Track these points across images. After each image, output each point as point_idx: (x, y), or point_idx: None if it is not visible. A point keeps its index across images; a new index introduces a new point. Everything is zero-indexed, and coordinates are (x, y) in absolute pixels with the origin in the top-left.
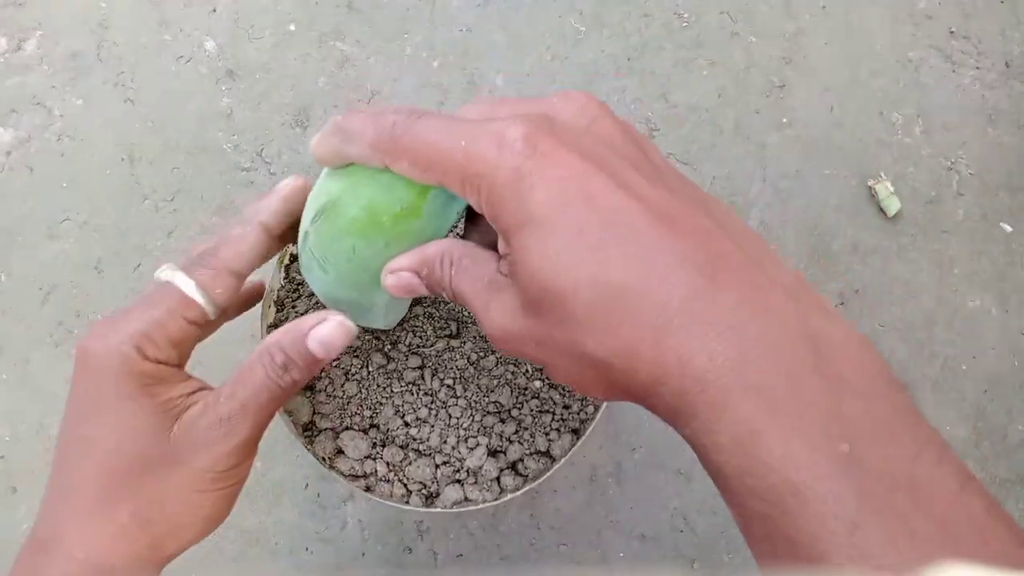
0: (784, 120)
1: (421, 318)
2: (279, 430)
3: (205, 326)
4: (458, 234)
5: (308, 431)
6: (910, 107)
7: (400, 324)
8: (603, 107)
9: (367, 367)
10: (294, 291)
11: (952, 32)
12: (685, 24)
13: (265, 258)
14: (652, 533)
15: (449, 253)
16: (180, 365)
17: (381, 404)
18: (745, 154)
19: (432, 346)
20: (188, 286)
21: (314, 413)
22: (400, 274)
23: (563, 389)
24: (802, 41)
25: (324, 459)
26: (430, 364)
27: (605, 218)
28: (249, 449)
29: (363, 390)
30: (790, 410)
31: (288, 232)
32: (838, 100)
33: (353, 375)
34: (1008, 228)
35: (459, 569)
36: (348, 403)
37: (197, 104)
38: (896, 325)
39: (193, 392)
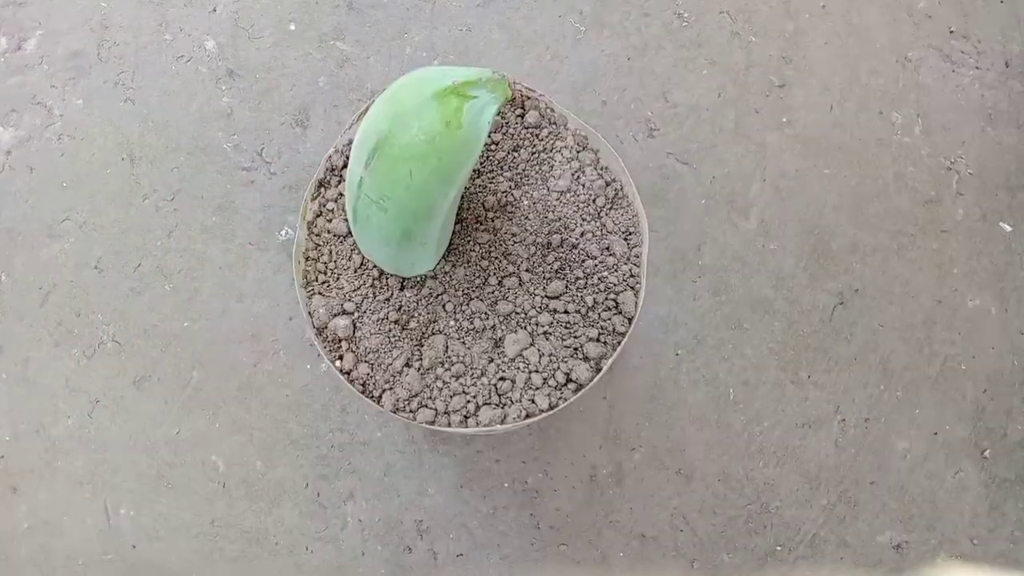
0: (784, 119)
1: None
2: (280, 430)
3: None
4: (490, 136)
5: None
6: (909, 107)
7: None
8: None
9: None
10: (318, 246)
11: (952, 32)
12: (685, 24)
13: None
14: (652, 533)
15: None
16: None
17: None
18: (745, 153)
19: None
20: None
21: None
22: None
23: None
24: (802, 41)
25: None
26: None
27: None
28: None
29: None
30: None
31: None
32: (838, 99)
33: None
34: (1007, 228)
35: (459, 569)
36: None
37: (197, 104)
38: (895, 324)
39: None
